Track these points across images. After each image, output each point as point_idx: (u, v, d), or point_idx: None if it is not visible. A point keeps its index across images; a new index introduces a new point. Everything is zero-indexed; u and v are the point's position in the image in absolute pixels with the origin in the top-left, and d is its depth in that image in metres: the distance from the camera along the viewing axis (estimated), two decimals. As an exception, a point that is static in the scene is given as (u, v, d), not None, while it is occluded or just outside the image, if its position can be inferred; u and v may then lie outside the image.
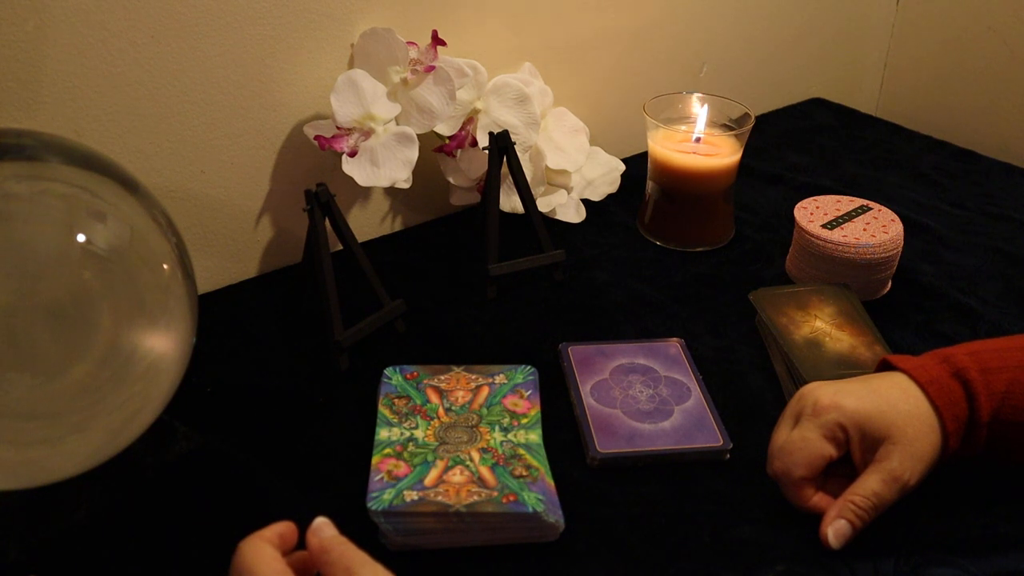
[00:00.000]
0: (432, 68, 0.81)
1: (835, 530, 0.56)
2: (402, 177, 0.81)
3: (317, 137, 0.79)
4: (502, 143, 0.82)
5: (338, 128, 0.79)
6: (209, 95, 0.77)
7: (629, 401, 0.68)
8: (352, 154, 0.79)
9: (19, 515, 0.59)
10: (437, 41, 0.81)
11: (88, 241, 0.53)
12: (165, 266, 0.57)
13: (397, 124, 0.82)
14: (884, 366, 0.62)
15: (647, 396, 0.69)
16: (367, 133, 0.80)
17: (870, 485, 0.56)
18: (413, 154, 0.81)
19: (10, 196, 0.52)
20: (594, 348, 0.74)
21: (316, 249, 0.74)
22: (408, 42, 0.81)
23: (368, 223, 0.93)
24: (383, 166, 0.80)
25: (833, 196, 0.87)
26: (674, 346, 0.75)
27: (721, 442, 0.65)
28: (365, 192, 0.91)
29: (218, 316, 0.79)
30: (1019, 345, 0.60)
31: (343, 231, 0.75)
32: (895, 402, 0.57)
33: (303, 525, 0.59)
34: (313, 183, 0.73)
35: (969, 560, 0.56)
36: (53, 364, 0.52)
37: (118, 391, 0.54)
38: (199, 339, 0.62)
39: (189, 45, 0.74)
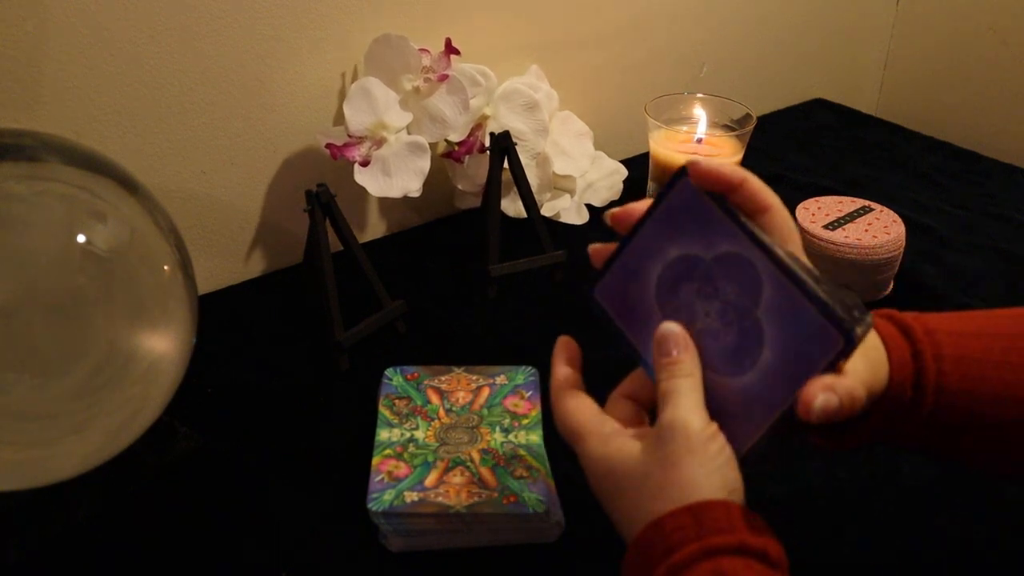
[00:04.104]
0: (446, 77, 0.80)
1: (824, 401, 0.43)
2: (414, 187, 0.80)
3: (329, 146, 0.78)
4: (503, 143, 0.82)
5: (350, 136, 0.78)
6: (209, 95, 0.77)
7: (711, 353, 0.47)
8: (364, 163, 0.78)
9: (19, 515, 0.59)
10: (451, 49, 0.80)
11: (88, 242, 0.53)
12: (165, 267, 0.57)
13: (408, 133, 0.81)
14: None
15: (717, 312, 0.47)
16: (379, 142, 0.79)
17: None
18: (425, 164, 0.80)
19: (10, 196, 0.52)
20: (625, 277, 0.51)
21: (316, 249, 0.74)
22: (421, 49, 0.80)
23: (369, 224, 0.93)
24: (395, 176, 0.79)
25: (835, 197, 0.87)
26: (686, 190, 0.49)
27: (842, 343, 0.43)
28: (365, 192, 0.90)
29: (218, 316, 0.79)
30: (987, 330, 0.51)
31: (344, 231, 0.75)
32: None
33: (303, 525, 0.59)
34: (313, 183, 0.73)
35: (967, 562, 0.56)
36: (53, 364, 0.52)
37: (118, 392, 0.54)
38: (199, 339, 0.62)
39: (189, 45, 0.74)
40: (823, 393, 0.43)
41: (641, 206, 0.51)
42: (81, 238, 0.53)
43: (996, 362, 0.50)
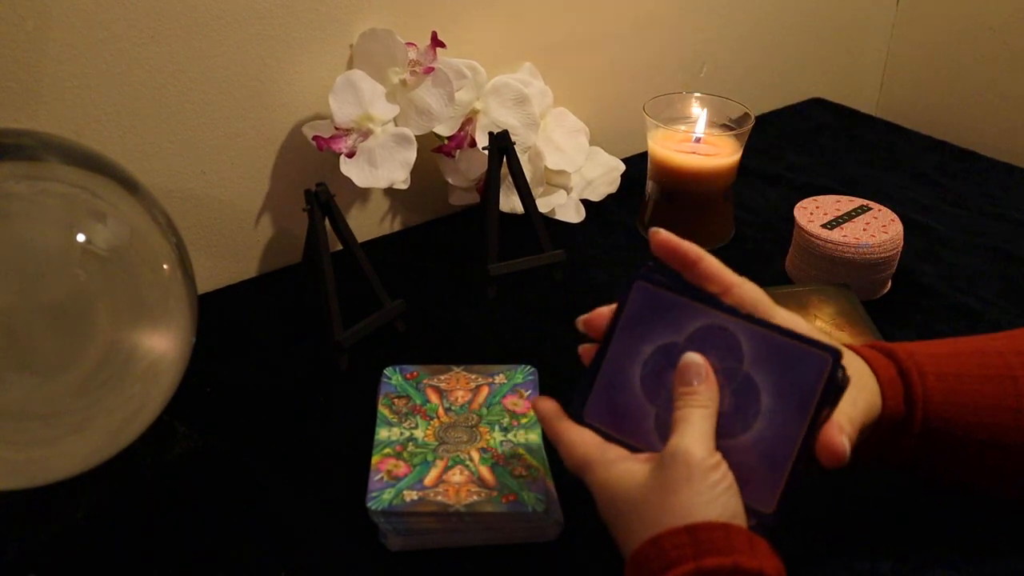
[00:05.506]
0: (431, 70, 0.81)
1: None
2: (400, 178, 0.81)
3: (315, 137, 0.79)
4: (502, 143, 0.82)
5: (336, 128, 0.79)
6: (209, 95, 0.77)
7: None
8: (350, 155, 0.79)
9: (19, 515, 0.59)
10: (436, 43, 0.81)
11: (88, 241, 0.53)
12: (165, 266, 0.57)
13: (396, 125, 0.82)
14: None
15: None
16: (365, 134, 0.80)
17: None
18: (411, 155, 0.81)
19: (10, 196, 0.52)
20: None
21: (316, 249, 0.74)
22: (408, 43, 0.81)
23: (368, 223, 0.93)
24: (381, 167, 0.80)
25: (833, 196, 0.87)
26: (642, 291, 0.52)
27: (830, 360, 0.46)
28: (365, 192, 0.91)
29: (218, 316, 0.79)
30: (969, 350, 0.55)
31: (343, 231, 0.75)
32: None
33: (302, 525, 0.59)
34: (313, 183, 0.73)
35: (967, 563, 0.56)
36: (53, 364, 0.52)
37: (118, 391, 0.55)
38: (199, 339, 0.62)
39: (189, 45, 0.74)
40: (842, 436, 0.46)
41: (606, 310, 0.53)
42: (81, 237, 0.53)
43: (973, 376, 0.53)
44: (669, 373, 0.49)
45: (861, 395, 0.50)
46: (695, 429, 0.46)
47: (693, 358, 0.48)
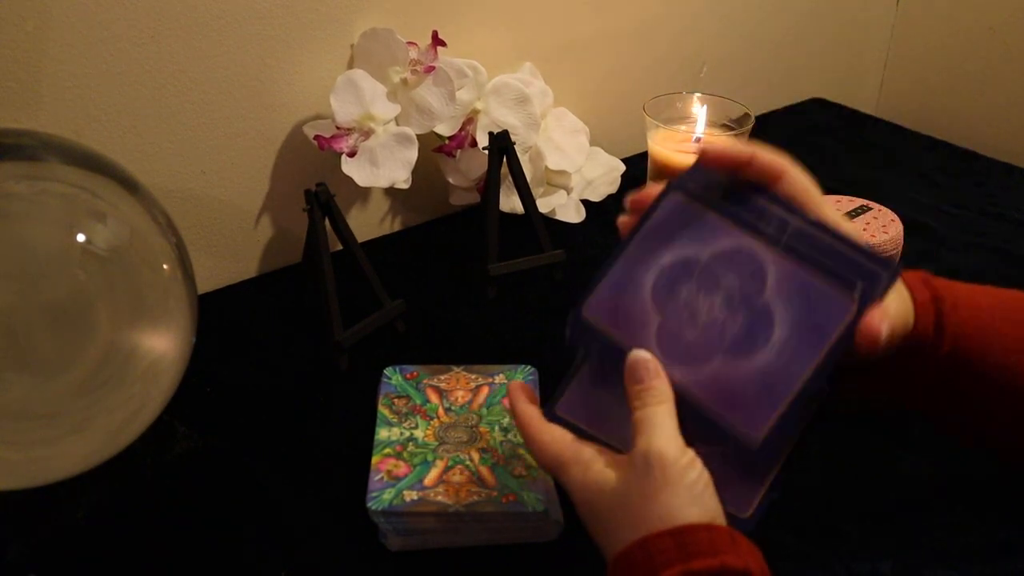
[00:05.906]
0: (432, 69, 0.81)
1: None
2: (401, 178, 0.81)
3: (317, 137, 0.79)
4: (502, 143, 0.82)
5: (338, 128, 0.79)
6: (209, 95, 0.77)
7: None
8: (351, 154, 0.79)
9: (19, 515, 0.59)
10: (437, 42, 0.81)
11: (88, 241, 0.53)
12: (165, 266, 0.58)
13: (397, 124, 0.82)
14: None
15: (721, 303, 0.48)
16: (367, 133, 0.80)
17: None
18: (412, 155, 0.81)
19: (10, 196, 0.52)
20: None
21: (316, 249, 0.74)
22: (408, 42, 0.81)
23: (368, 223, 0.93)
24: (382, 166, 0.80)
25: (833, 196, 0.86)
26: (674, 203, 0.51)
27: (855, 309, 0.45)
28: (365, 192, 0.91)
29: (218, 316, 0.79)
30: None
31: (343, 231, 0.75)
32: None
33: (302, 525, 0.59)
34: (313, 183, 0.73)
35: (967, 563, 0.56)
36: (53, 364, 0.52)
37: (118, 391, 0.55)
38: (199, 339, 0.62)
39: (189, 45, 0.74)
40: (883, 322, 0.45)
41: (654, 190, 0.52)
42: (81, 237, 0.53)
43: (1006, 318, 0.52)
44: (683, 286, 0.48)
45: (900, 308, 0.50)
46: (662, 428, 0.46)
47: (641, 355, 0.48)
